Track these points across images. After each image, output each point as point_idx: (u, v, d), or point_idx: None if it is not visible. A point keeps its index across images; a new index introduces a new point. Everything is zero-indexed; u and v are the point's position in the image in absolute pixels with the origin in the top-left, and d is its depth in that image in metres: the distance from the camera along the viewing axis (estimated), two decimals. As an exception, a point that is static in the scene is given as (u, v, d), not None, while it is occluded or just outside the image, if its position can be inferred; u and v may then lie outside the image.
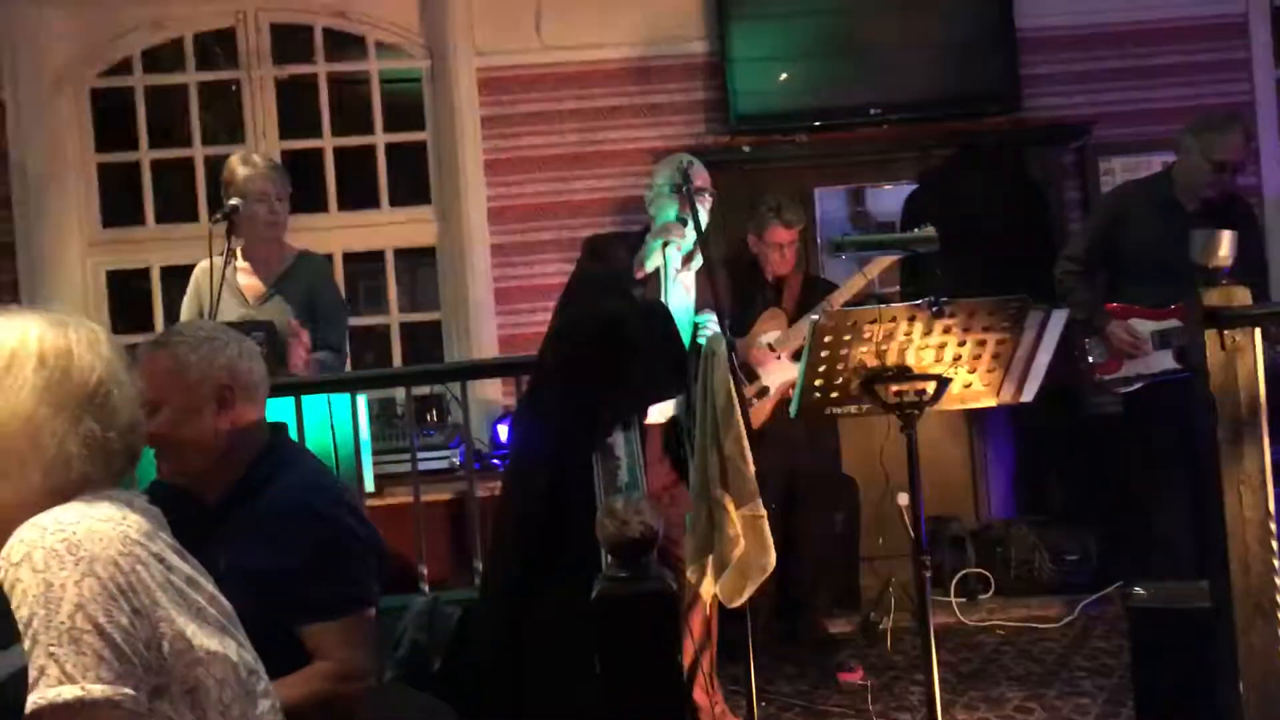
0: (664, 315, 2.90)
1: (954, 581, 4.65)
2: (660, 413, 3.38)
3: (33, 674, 1.27)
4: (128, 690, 1.30)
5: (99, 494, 1.44)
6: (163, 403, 2.12)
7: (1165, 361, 4.09)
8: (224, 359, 2.18)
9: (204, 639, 1.41)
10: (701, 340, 3.25)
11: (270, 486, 2.17)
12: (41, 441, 1.39)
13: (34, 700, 1.26)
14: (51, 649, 1.27)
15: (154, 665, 1.34)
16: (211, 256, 3.81)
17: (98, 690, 1.27)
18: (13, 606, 1.29)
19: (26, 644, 1.27)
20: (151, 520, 1.46)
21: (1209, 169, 4.07)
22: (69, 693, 1.26)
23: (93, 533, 1.34)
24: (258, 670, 1.53)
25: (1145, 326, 4.13)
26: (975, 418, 5.04)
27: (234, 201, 3.80)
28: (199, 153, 5.30)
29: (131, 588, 1.33)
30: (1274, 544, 2.44)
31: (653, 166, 3.81)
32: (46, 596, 1.28)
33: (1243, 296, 2.57)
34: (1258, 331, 2.50)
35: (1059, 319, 2.83)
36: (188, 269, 4.07)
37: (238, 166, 3.83)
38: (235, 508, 2.16)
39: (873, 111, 5.06)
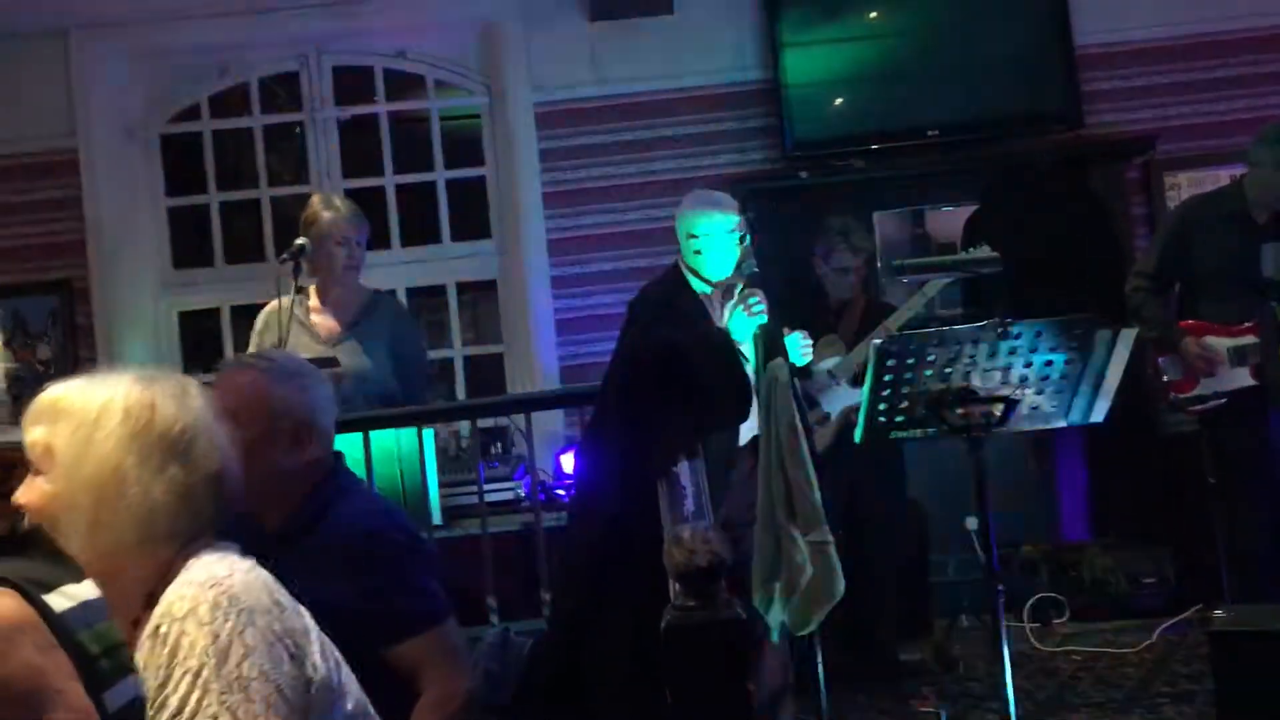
0: (725, 343, 2.90)
1: (1027, 606, 4.56)
2: (750, 432, 3.33)
3: None
4: None
5: (214, 545, 1.49)
6: (238, 424, 2.13)
7: (1242, 378, 4.00)
8: (309, 397, 2.18)
9: (339, 677, 1.48)
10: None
11: (328, 515, 2.16)
12: (128, 490, 1.43)
13: None
14: (224, 697, 1.32)
15: (306, 706, 1.40)
16: (280, 295, 3.88)
17: None
18: (178, 658, 1.34)
19: (195, 694, 1.32)
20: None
21: (1278, 183, 3.99)
22: None
23: (246, 584, 1.40)
24: (366, 703, 1.56)
25: (1220, 343, 4.04)
26: (1045, 438, 4.96)
27: (301, 241, 3.87)
28: (265, 194, 5.41)
29: (288, 633, 1.40)
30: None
31: (685, 210, 3.70)
32: (216, 648, 1.34)
33: (1319, 311, 2.51)
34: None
35: (1127, 338, 2.79)
36: (257, 308, 4.16)
37: (321, 210, 3.90)
38: (295, 538, 2.15)
39: (930, 133, 5.04)
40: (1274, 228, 3.99)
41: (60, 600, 1.25)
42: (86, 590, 1.31)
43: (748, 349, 3.35)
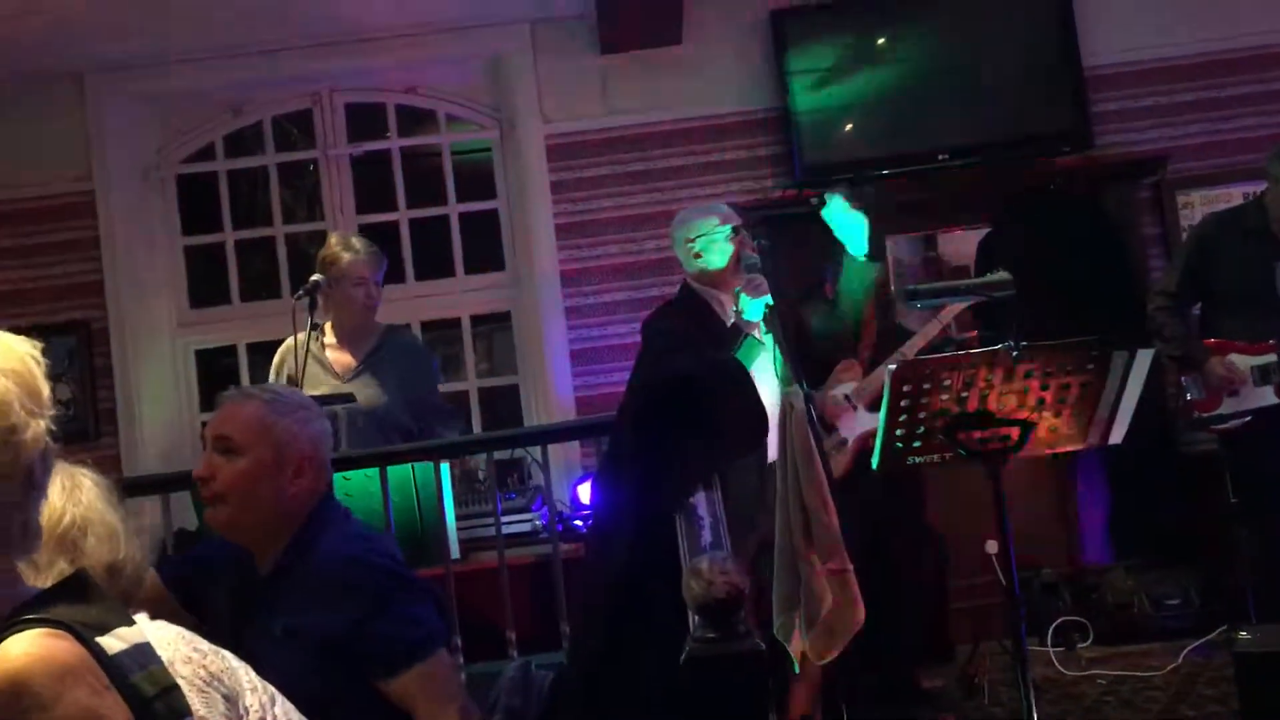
0: (739, 372, 2.90)
1: (1050, 630, 4.53)
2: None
3: None
4: None
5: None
6: (245, 451, 2.14)
7: (1266, 397, 3.98)
8: (312, 430, 2.22)
9: (273, 713, 1.47)
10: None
11: (317, 546, 2.16)
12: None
13: None
14: None
15: None
16: (296, 332, 3.90)
17: None
18: None
19: None
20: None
21: None
22: None
23: (160, 639, 1.37)
24: None
25: (1244, 361, 4.01)
26: (1065, 461, 4.93)
27: (316, 278, 3.90)
28: (280, 231, 5.45)
29: (215, 676, 1.39)
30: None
31: (679, 223, 3.83)
32: None
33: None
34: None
35: (1145, 359, 2.78)
36: (273, 344, 4.18)
37: (340, 250, 3.92)
38: (286, 572, 2.16)
39: (941, 157, 5.05)
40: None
41: (114, 643, 1.25)
42: (138, 633, 1.30)
43: (760, 333, 3.42)
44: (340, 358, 3.97)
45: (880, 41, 5.22)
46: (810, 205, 5.00)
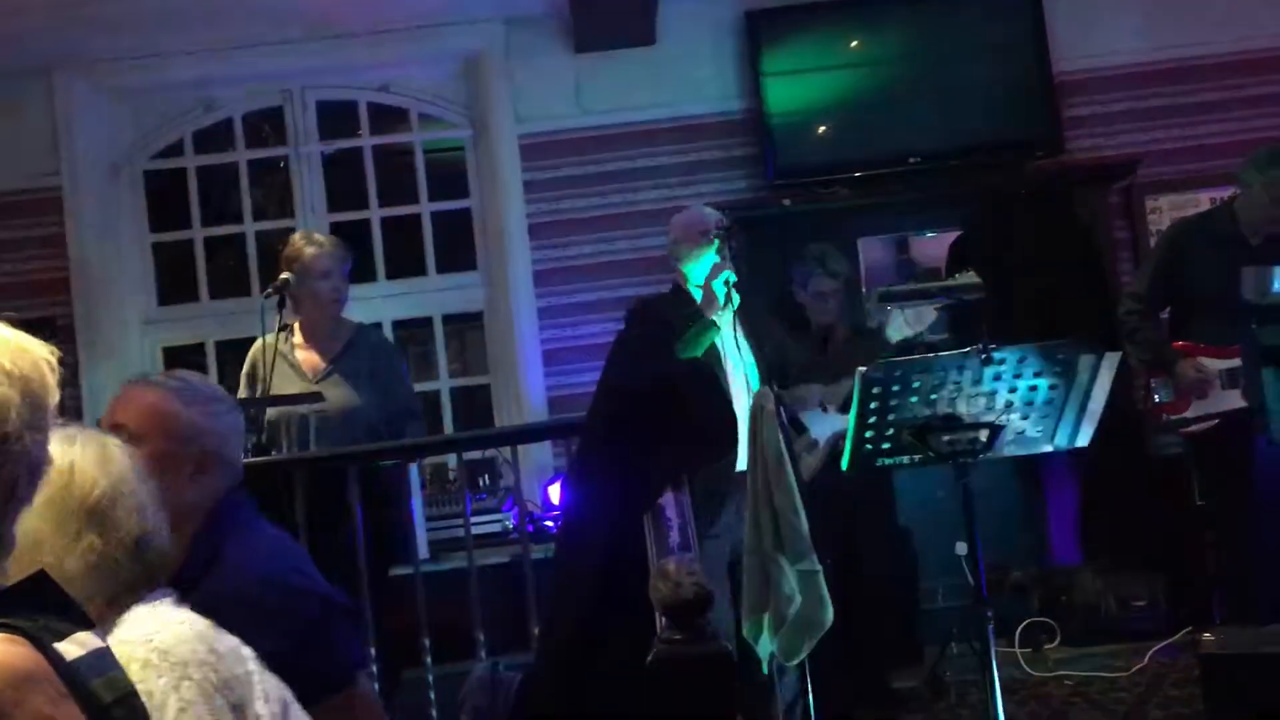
0: (710, 375, 2.90)
1: (1018, 631, 4.55)
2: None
3: None
4: None
5: (143, 598, 1.46)
6: (141, 440, 1.88)
7: (1233, 400, 4.00)
8: (218, 424, 2.02)
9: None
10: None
11: (225, 559, 1.95)
12: (41, 558, 1.39)
13: None
14: None
15: None
16: (264, 332, 3.87)
17: None
18: None
19: None
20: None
21: (1269, 204, 4.00)
22: None
23: (177, 637, 1.38)
24: None
25: (1213, 365, 4.04)
26: (1033, 463, 4.96)
27: (285, 275, 3.87)
28: (250, 229, 5.41)
29: (225, 683, 1.38)
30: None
31: (671, 224, 3.85)
32: (151, 706, 1.31)
33: (1300, 333, 2.52)
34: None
35: (1111, 362, 2.79)
36: (242, 342, 4.15)
37: (304, 246, 3.90)
38: (193, 586, 1.85)
39: (913, 160, 5.06)
40: (1268, 250, 4.00)
41: (71, 648, 1.23)
42: (96, 638, 1.28)
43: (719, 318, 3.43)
44: (309, 358, 3.94)
45: (854, 44, 5.23)
46: (783, 207, 5.02)
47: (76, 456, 1.45)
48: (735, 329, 3.57)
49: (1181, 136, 5.24)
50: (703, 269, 3.57)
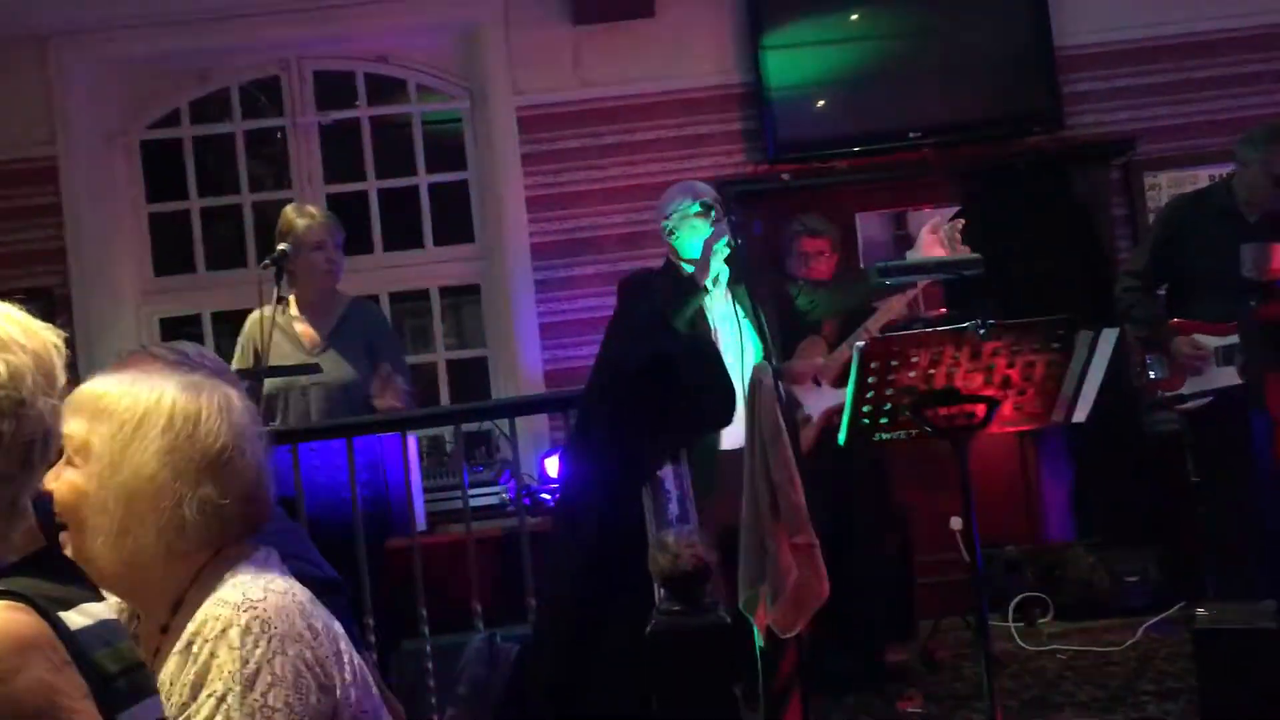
0: (709, 349, 2.91)
1: (1012, 606, 4.58)
2: (734, 438, 3.36)
3: None
4: None
5: (251, 556, 1.46)
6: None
7: (1229, 377, 4.00)
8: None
9: (369, 703, 1.46)
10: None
11: None
12: (160, 504, 1.41)
13: None
14: None
15: None
16: (261, 303, 3.87)
17: None
18: (205, 680, 1.34)
19: (218, 718, 1.32)
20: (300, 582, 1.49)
21: (1267, 182, 3.99)
22: None
23: (281, 609, 1.39)
24: None
25: (1209, 341, 4.05)
26: (1029, 439, 4.98)
27: (283, 246, 3.86)
28: (247, 199, 5.39)
29: (318, 662, 1.38)
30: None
31: (663, 197, 3.87)
32: (243, 674, 1.33)
33: (1297, 310, 2.53)
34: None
35: (1109, 338, 2.80)
36: (239, 314, 4.14)
37: (295, 218, 3.91)
38: None
39: (912, 135, 5.05)
40: (1266, 227, 3.99)
41: (77, 618, 1.24)
42: (105, 609, 1.29)
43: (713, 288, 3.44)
44: (306, 330, 3.94)
45: (854, 18, 5.21)
46: (782, 182, 5.01)
47: (204, 406, 1.46)
48: (732, 301, 3.57)
49: (1181, 113, 5.23)
50: (695, 241, 3.57)
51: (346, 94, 5.44)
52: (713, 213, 3.61)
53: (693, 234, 3.64)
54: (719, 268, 3.52)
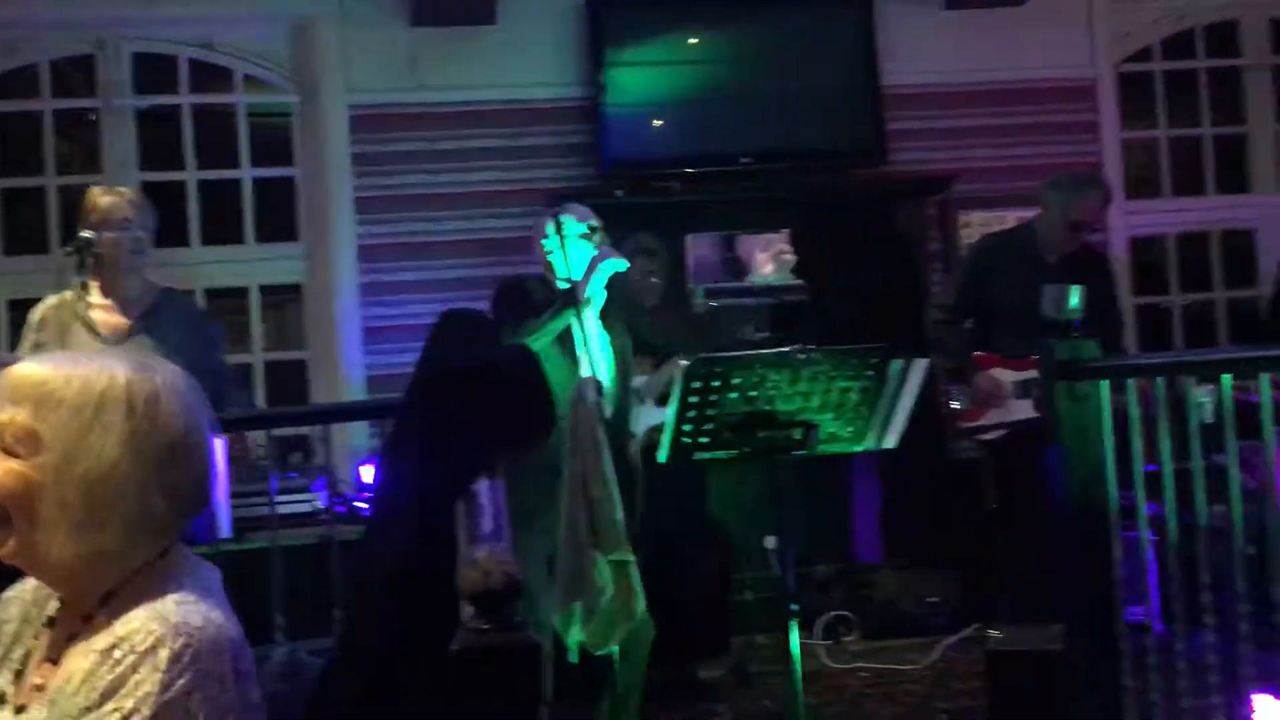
0: (530, 361, 2.88)
1: (820, 624, 4.69)
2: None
3: None
4: None
5: (195, 571, 1.39)
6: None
7: (1026, 410, 4.20)
8: None
9: None
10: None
11: None
12: (127, 491, 1.32)
13: None
14: None
15: None
16: (62, 291, 3.64)
17: None
18: (118, 691, 1.26)
19: None
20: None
21: (1065, 227, 4.23)
22: None
23: (215, 643, 1.30)
24: None
25: (1007, 376, 4.24)
26: (843, 462, 5.12)
27: (86, 234, 3.62)
28: (52, 182, 5.09)
29: (237, 705, 1.31)
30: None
31: (536, 218, 3.80)
32: (158, 700, 1.25)
33: (1091, 350, 2.67)
34: (1104, 383, 2.60)
35: (919, 369, 2.90)
36: (39, 303, 3.88)
37: (100, 196, 3.67)
38: None
39: (743, 160, 5.15)
40: (1063, 268, 4.22)
41: None
42: None
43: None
44: (109, 319, 3.68)
45: (694, 41, 5.28)
46: (615, 198, 5.02)
47: (161, 388, 1.36)
48: (598, 322, 3.53)
49: (994, 156, 5.49)
50: (578, 260, 3.51)
51: (168, 79, 5.20)
52: (597, 235, 3.59)
53: (577, 253, 3.57)
54: (598, 287, 3.47)
